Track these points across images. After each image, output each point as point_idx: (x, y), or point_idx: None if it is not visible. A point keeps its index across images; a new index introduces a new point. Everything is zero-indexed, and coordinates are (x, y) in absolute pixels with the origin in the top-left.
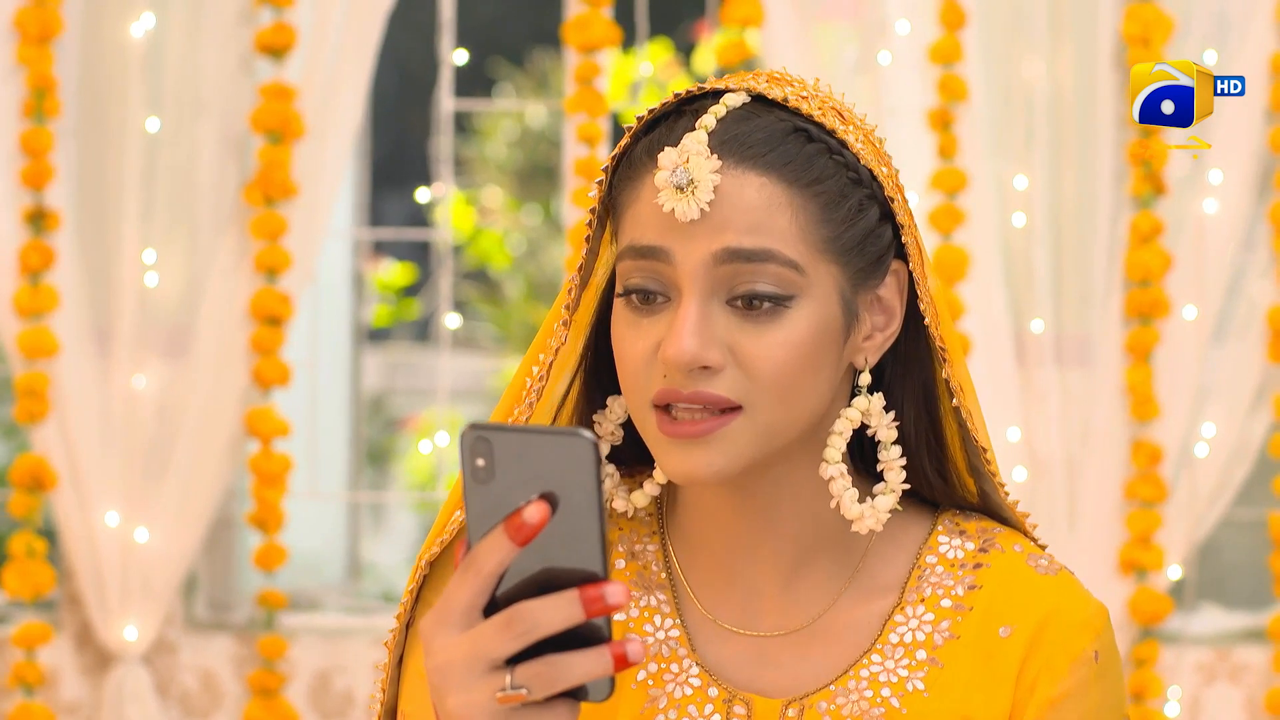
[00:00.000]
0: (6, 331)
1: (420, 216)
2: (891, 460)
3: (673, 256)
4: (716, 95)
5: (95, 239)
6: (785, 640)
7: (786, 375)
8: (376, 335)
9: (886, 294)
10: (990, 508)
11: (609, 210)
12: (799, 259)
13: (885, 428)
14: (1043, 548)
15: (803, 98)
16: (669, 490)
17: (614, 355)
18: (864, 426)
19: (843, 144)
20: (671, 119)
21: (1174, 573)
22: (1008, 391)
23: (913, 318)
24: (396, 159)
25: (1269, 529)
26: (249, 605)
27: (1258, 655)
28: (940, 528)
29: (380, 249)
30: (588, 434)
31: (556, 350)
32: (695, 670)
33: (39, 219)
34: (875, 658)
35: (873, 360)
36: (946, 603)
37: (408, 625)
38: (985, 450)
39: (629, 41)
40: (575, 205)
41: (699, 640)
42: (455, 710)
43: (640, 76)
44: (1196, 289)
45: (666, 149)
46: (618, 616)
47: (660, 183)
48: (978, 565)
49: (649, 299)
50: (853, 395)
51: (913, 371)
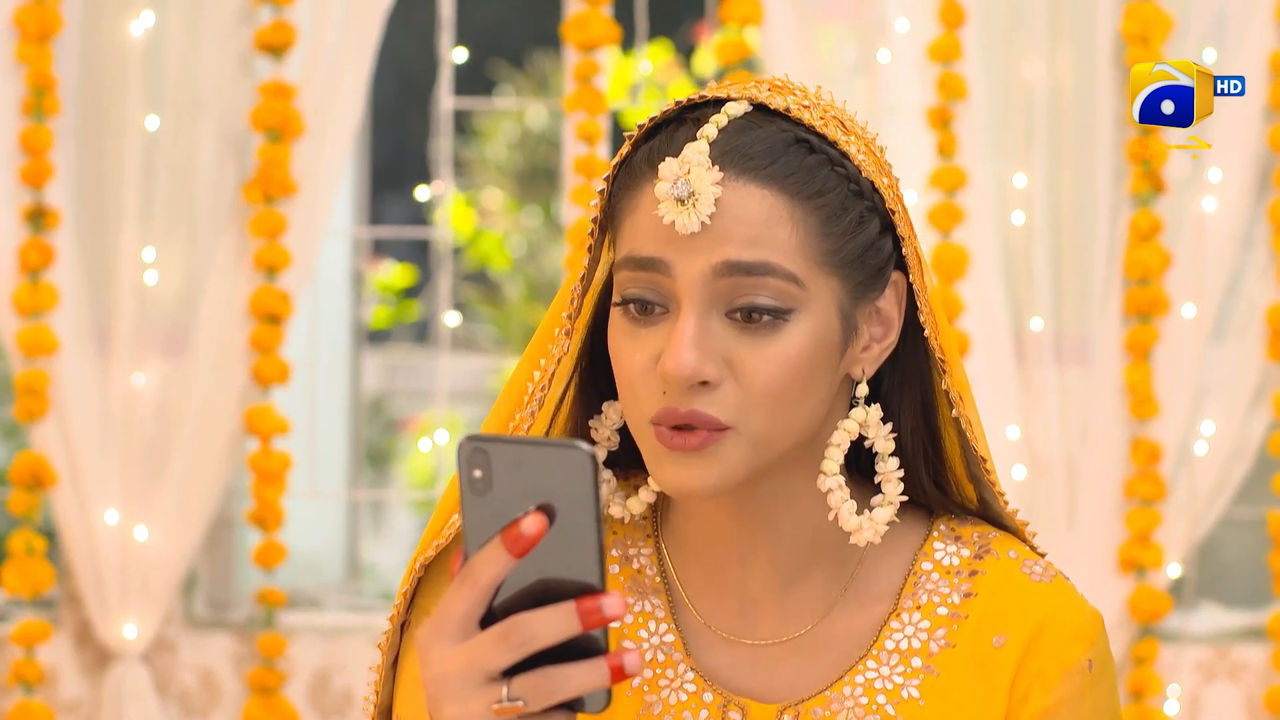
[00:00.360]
0: (6, 329)
1: (420, 219)
2: (889, 472)
3: (672, 269)
4: (718, 104)
5: (95, 237)
6: (781, 649)
7: (780, 390)
8: (376, 337)
9: (885, 305)
10: (990, 516)
11: (608, 217)
12: (799, 272)
13: (883, 439)
14: (1041, 555)
15: (804, 107)
16: (664, 495)
17: (612, 365)
18: (861, 437)
19: (844, 155)
20: (672, 126)
21: (1173, 571)
22: (1007, 390)
23: (911, 328)
24: (397, 161)
25: (1268, 527)
26: (248, 604)
27: (1257, 654)
28: (935, 534)
29: (380, 250)
30: (586, 446)
31: (559, 359)
32: (690, 675)
33: (38, 217)
34: (871, 664)
35: (870, 371)
36: (942, 610)
37: (402, 626)
38: (985, 460)
39: (629, 43)
40: (574, 203)
41: (694, 645)
42: None
43: (640, 77)
44: (1196, 287)
45: (668, 159)
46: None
47: (661, 194)
48: (973, 572)
49: (647, 309)
50: (850, 406)
51: (911, 381)
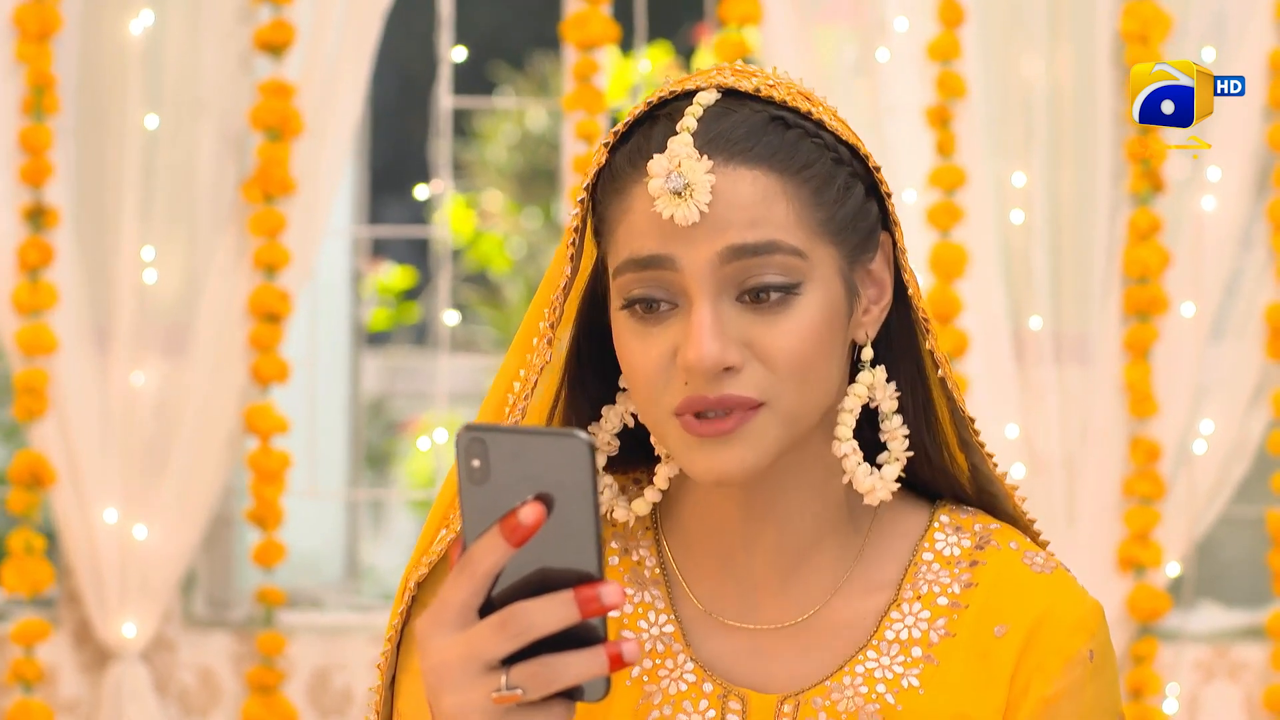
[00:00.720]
0: (5, 328)
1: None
2: (894, 430)
3: (677, 263)
4: (688, 96)
5: (94, 236)
6: (781, 635)
7: (805, 362)
8: (376, 339)
9: (877, 267)
10: (981, 482)
11: (590, 225)
12: (801, 245)
13: (888, 399)
14: (1038, 539)
15: (771, 86)
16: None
17: (622, 369)
18: (870, 404)
19: (819, 125)
20: (646, 126)
21: (1172, 570)
22: (1006, 389)
23: (897, 290)
24: (396, 164)
25: (1267, 526)
26: (248, 602)
27: (1256, 653)
28: (936, 524)
29: (380, 252)
30: (583, 435)
31: (541, 368)
32: (690, 666)
33: (38, 216)
34: (871, 654)
35: (872, 334)
36: (943, 600)
37: (398, 646)
38: (972, 420)
39: (628, 45)
40: (574, 203)
41: (694, 636)
42: (450, 710)
43: (640, 77)
44: (1195, 286)
45: (655, 156)
46: (612, 614)
47: (655, 190)
48: (974, 563)
49: (653, 308)
50: (854, 373)
51: (903, 346)
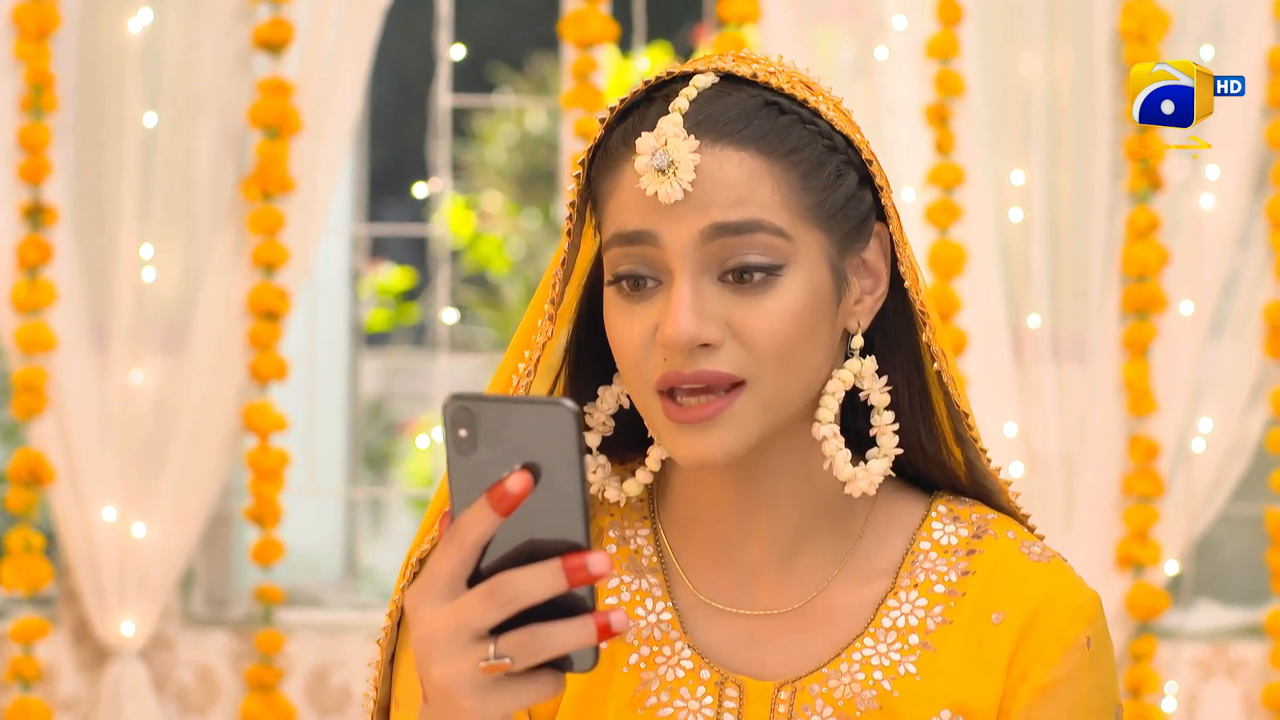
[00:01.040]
0: (4, 326)
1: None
2: (884, 425)
3: (660, 239)
4: (685, 78)
5: (93, 234)
6: (778, 622)
7: (785, 344)
8: (375, 340)
9: (871, 257)
10: (976, 477)
11: (587, 202)
12: (785, 226)
13: (878, 392)
14: (1031, 528)
15: (770, 73)
16: (660, 475)
17: (610, 345)
18: (857, 389)
19: (815, 113)
20: (643, 106)
21: (1171, 568)
22: (1005, 387)
23: (894, 281)
24: (396, 166)
25: (1266, 524)
26: (246, 601)
27: (1255, 651)
28: (934, 514)
29: (379, 253)
30: (569, 403)
31: (543, 345)
32: (687, 653)
33: (37, 214)
34: (868, 641)
35: (865, 324)
36: (940, 588)
37: (399, 623)
38: (967, 415)
39: (627, 46)
40: (568, 210)
41: (691, 623)
42: (439, 680)
43: (639, 76)
44: (1193, 284)
45: (644, 134)
46: (609, 601)
47: (641, 167)
48: (971, 551)
49: (639, 284)
50: (846, 359)
51: (899, 338)
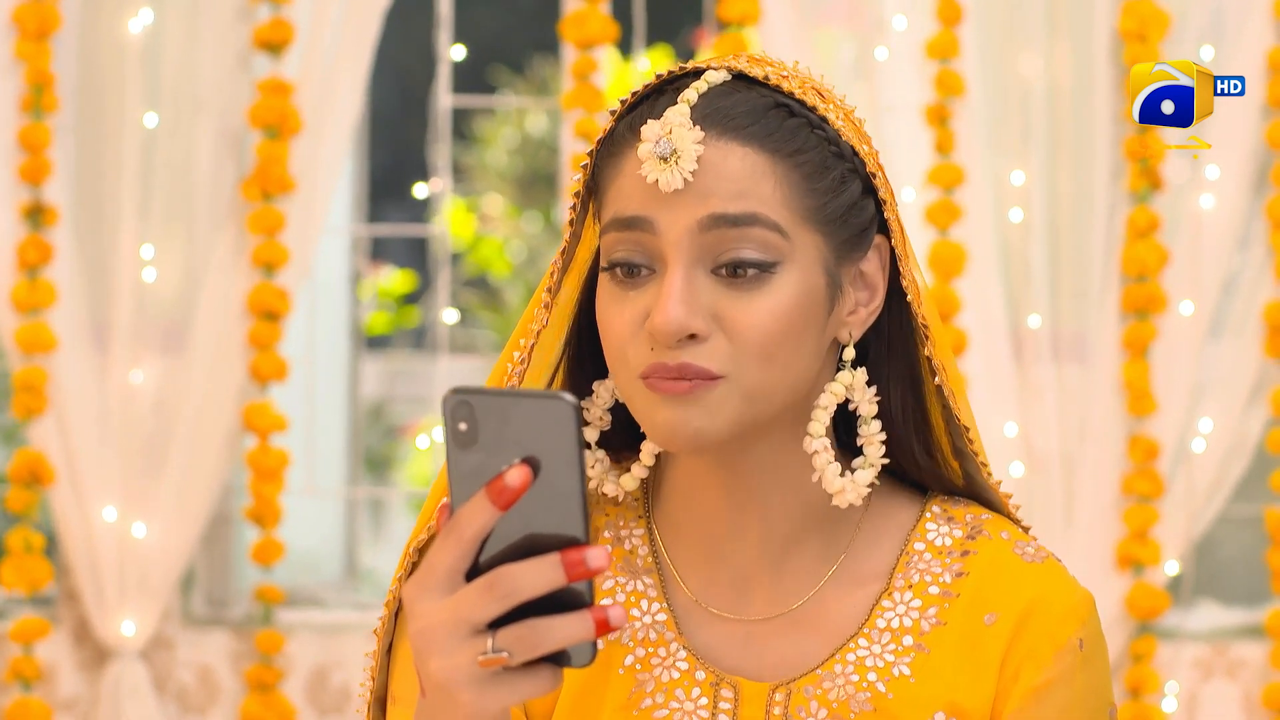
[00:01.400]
0: (4, 327)
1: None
2: (871, 435)
3: (656, 226)
4: (698, 73)
5: (93, 234)
6: (773, 624)
7: (771, 341)
8: (376, 343)
9: (869, 269)
10: (975, 490)
11: (592, 192)
12: (783, 224)
13: (867, 402)
14: (1027, 530)
15: (783, 77)
16: (655, 475)
17: (599, 330)
18: (848, 401)
19: (824, 120)
20: (653, 98)
21: (1171, 568)
22: (1005, 387)
23: (895, 295)
24: (396, 169)
25: (1266, 524)
26: (246, 601)
27: (1255, 651)
28: (928, 514)
29: (380, 256)
30: (569, 397)
31: (538, 333)
32: (683, 654)
33: (37, 214)
34: (862, 643)
35: (856, 335)
36: (934, 590)
37: (396, 613)
38: (968, 429)
39: (627, 48)
40: (572, 200)
41: (686, 624)
42: (437, 674)
43: (639, 76)
44: (1193, 284)
45: (650, 121)
46: (604, 601)
47: (643, 154)
48: (965, 553)
49: (633, 272)
50: (837, 371)
51: (897, 351)
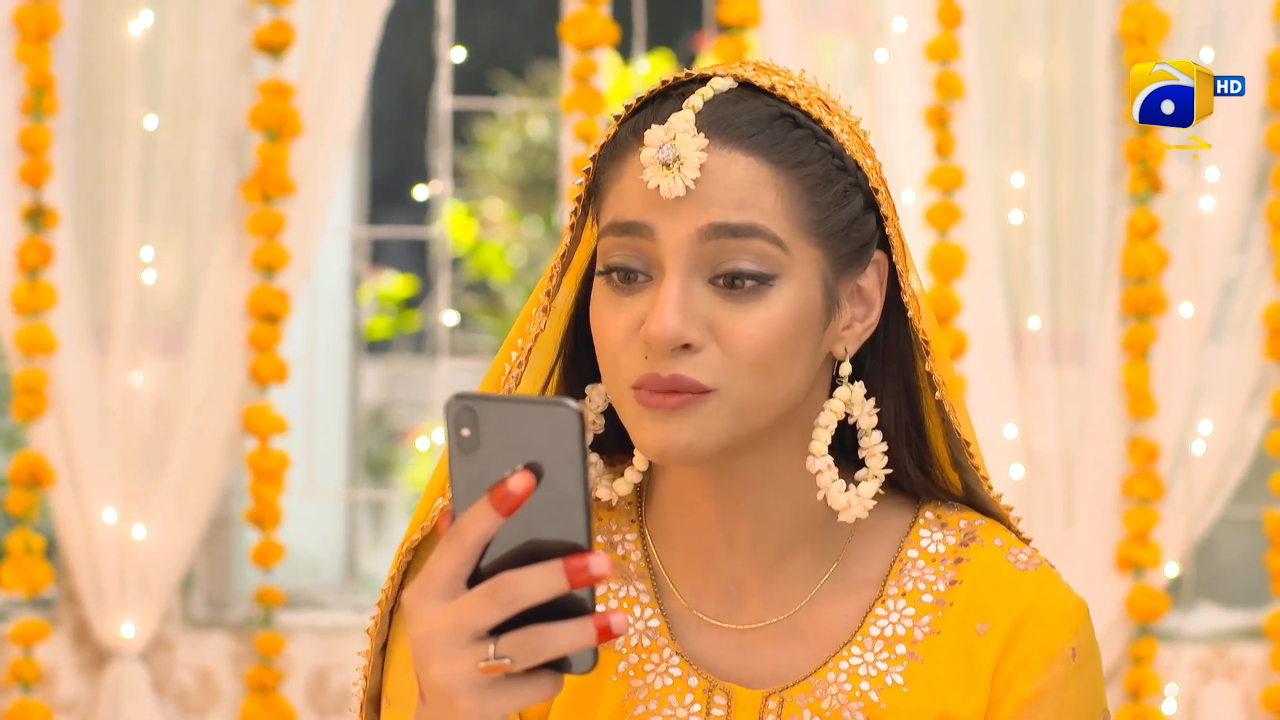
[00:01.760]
0: (4, 328)
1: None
2: (873, 446)
3: (656, 233)
4: (704, 80)
5: (93, 236)
6: (766, 631)
7: (765, 354)
8: (377, 347)
9: (867, 284)
10: (975, 502)
11: (592, 196)
12: (784, 236)
13: (866, 415)
14: (1026, 541)
15: (790, 87)
16: (648, 481)
17: (593, 335)
18: (846, 415)
19: (829, 132)
20: (657, 102)
21: (1171, 570)
22: (1004, 389)
23: (893, 310)
24: (397, 174)
25: (1266, 527)
26: (246, 603)
27: (1255, 653)
28: (921, 521)
29: (381, 260)
30: (573, 404)
31: (535, 336)
32: (676, 660)
33: (37, 216)
34: (855, 650)
35: (852, 350)
36: (927, 598)
37: (390, 612)
38: (969, 444)
39: (627, 53)
40: (573, 203)
41: (679, 630)
42: (438, 680)
43: (639, 79)
44: (1193, 286)
45: (654, 126)
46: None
47: (646, 159)
48: (959, 560)
49: (630, 278)
50: (833, 387)
51: (892, 365)
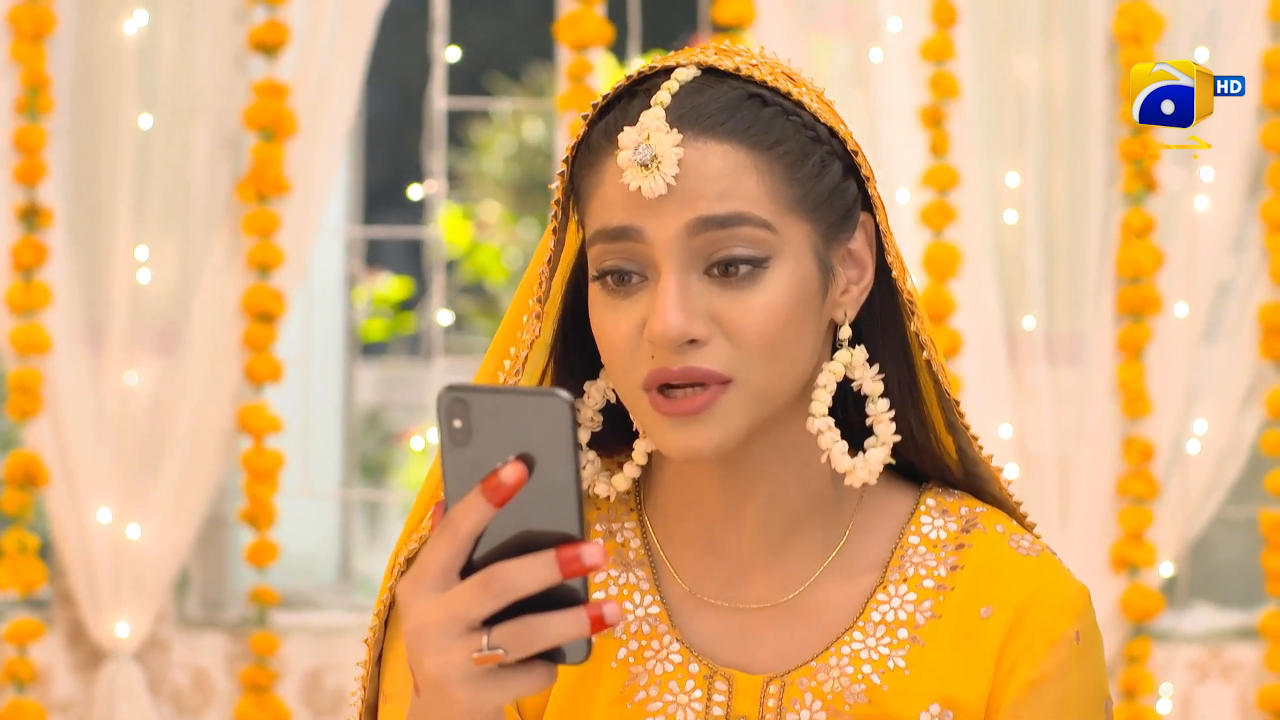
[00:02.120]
0: None
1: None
2: (880, 413)
3: (645, 234)
4: (667, 72)
5: (88, 236)
6: (767, 615)
7: (773, 337)
8: (373, 350)
9: (857, 247)
10: (968, 464)
11: (570, 198)
12: (770, 219)
13: (871, 380)
14: (1025, 522)
15: (753, 66)
16: (646, 469)
17: (596, 341)
18: (849, 383)
19: (798, 104)
20: (624, 101)
21: (1166, 570)
22: (999, 389)
23: (882, 270)
24: (394, 178)
25: (1261, 527)
26: (241, 603)
27: (1249, 653)
28: (923, 508)
29: (376, 263)
30: (564, 394)
31: (530, 343)
32: (676, 646)
33: (32, 216)
34: (857, 635)
35: (851, 314)
36: (929, 583)
37: (386, 622)
38: (957, 403)
39: (622, 54)
40: (552, 206)
41: (679, 616)
42: (432, 672)
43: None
44: (1188, 286)
45: (625, 129)
46: (597, 595)
47: (624, 162)
48: (960, 545)
49: (624, 280)
50: (835, 351)
51: (889, 326)
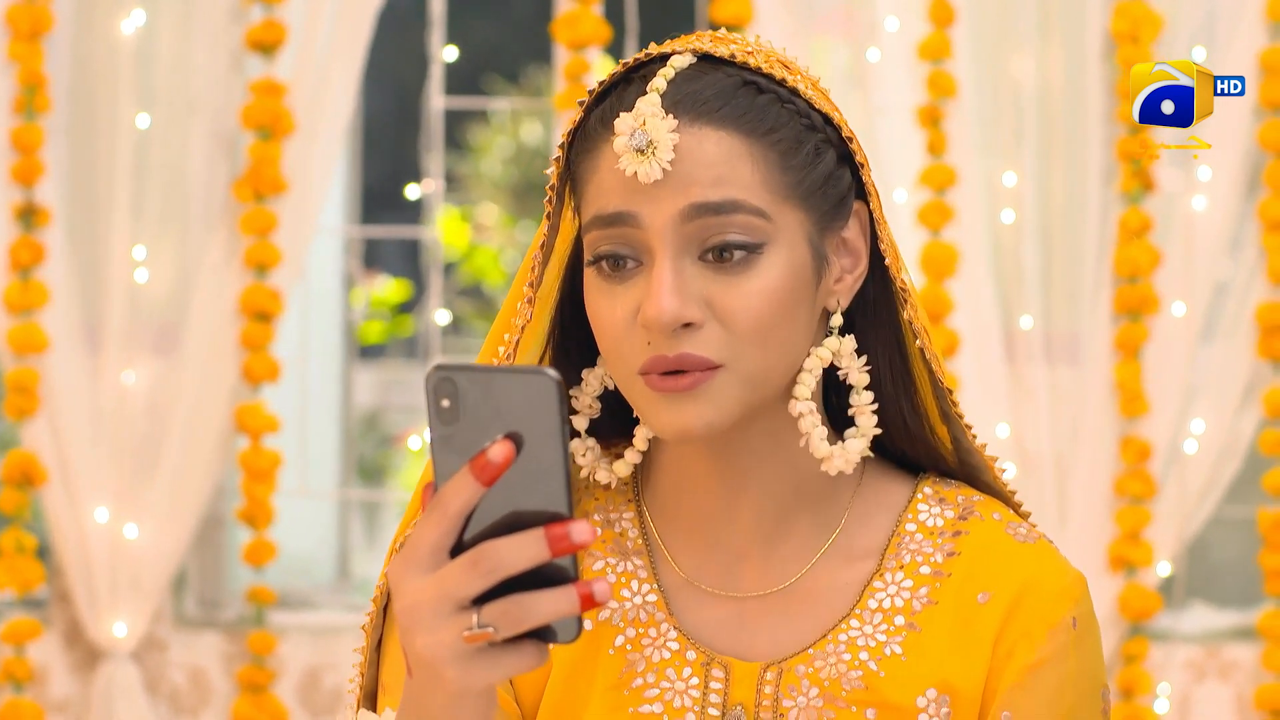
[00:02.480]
0: None
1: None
2: (862, 405)
3: (640, 219)
4: (663, 59)
5: (85, 235)
6: (764, 603)
7: (765, 323)
8: (371, 352)
9: (851, 235)
10: (961, 454)
11: (566, 185)
12: (765, 206)
13: (857, 371)
14: (1019, 510)
15: (749, 53)
16: (645, 458)
17: (591, 326)
18: (835, 367)
19: (794, 92)
20: (621, 88)
21: (1163, 569)
22: (997, 388)
23: (876, 259)
24: (392, 180)
25: (1258, 526)
26: (238, 602)
27: (1247, 653)
28: (920, 495)
29: (374, 264)
30: (552, 372)
31: (522, 328)
32: (673, 634)
33: (29, 215)
34: (854, 622)
35: (845, 303)
36: (925, 570)
37: (385, 609)
38: (951, 391)
39: (619, 54)
40: (547, 192)
41: (676, 604)
42: (423, 651)
43: None
44: (1185, 285)
45: (622, 115)
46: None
47: (620, 148)
48: (957, 533)
49: (619, 265)
50: (825, 338)
51: (882, 315)
